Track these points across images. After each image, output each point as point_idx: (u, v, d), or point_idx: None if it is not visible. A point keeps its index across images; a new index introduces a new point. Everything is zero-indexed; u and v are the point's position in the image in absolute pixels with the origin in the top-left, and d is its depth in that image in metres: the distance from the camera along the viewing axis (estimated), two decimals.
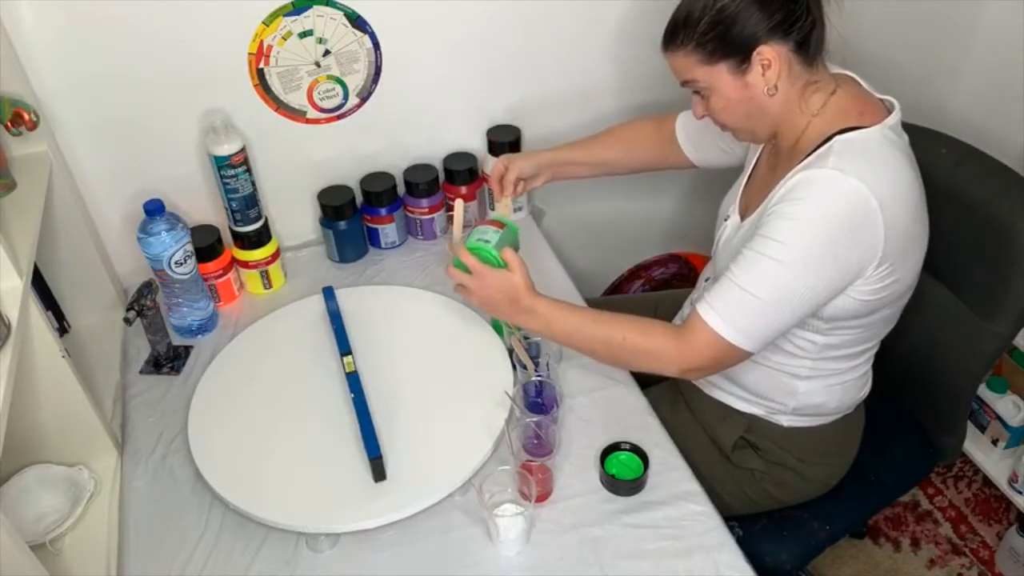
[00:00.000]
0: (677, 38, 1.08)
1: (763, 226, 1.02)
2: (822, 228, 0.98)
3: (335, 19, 1.37)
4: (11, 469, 1.13)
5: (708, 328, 1.03)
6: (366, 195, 1.54)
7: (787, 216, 0.99)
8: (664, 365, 1.09)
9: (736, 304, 1.02)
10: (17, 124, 1.15)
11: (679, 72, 1.11)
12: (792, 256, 0.99)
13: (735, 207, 1.21)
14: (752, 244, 1.02)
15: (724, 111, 1.10)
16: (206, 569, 1.05)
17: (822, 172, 0.98)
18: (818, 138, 1.04)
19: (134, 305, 1.29)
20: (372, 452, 1.12)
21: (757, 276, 1.01)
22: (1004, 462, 1.70)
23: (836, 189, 0.97)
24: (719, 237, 1.24)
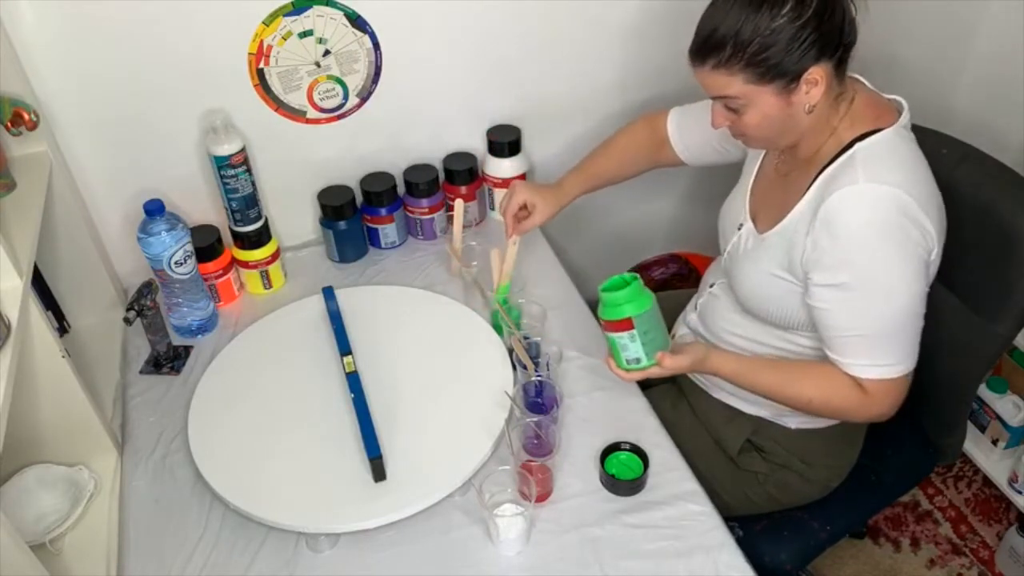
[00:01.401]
0: (719, 56, 1.00)
1: (832, 270, 1.02)
2: (887, 240, 1.00)
3: (335, 19, 1.37)
4: (11, 469, 1.13)
5: (878, 381, 1.07)
6: (366, 195, 1.54)
7: (853, 252, 1.01)
8: (855, 419, 1.17)
9: (881, 349, 1.06)
10: (17, 124, 1.15)
11: (715, 88, 1.04)
12: (887, 281, 1.02)
13: (745, 214, 1.21)
14: (846, 295, 1.03)
15: (757, 126, 1.06)
16: (206, 569, 1.05)
17: (857, 189, 0.99)
18: (838, 145, 1.05)
19: (134, 305, 1.29)
20: (372, 452, 1.12)
21: (876, 316, 1.04)
22: (1004, 462, 1.70)
23: (873, 200, 0.99)
24: (732, 244, 1.22)
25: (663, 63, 1.65)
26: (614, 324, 1.07)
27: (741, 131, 1.09)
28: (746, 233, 1.19)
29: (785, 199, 1.11)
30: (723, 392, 1.29)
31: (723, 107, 1.07)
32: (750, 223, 1.19)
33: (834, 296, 1.04)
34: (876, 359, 1.06)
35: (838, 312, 1.05)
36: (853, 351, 1.07)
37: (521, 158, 1.61)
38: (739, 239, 1.20)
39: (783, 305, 1.13)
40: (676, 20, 1.59)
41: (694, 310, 1.34)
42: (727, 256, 1.24)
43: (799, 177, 1.10)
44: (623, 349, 1.09)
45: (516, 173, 1.60)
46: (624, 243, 1.93)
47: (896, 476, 1.39)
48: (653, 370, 1.10)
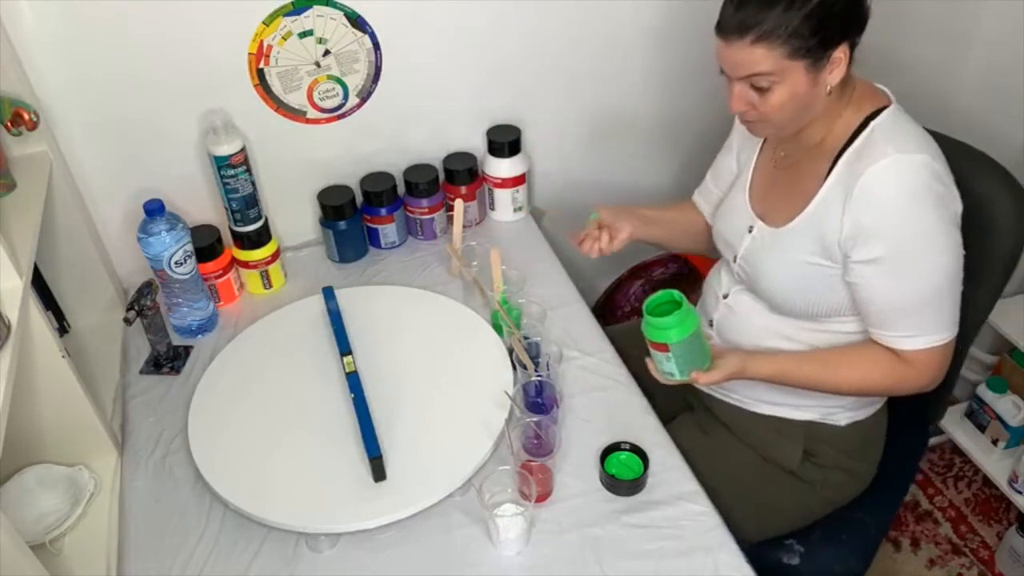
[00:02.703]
0: (761, 27, 0.98)
1: (874, 244, 1.03)
2: (927, 207, 1.02)
3: (335, 19, 1.37)
4: (11, 469, 1.13)
5: (922, 351, 1.08)
6: (366, 195, 1.54)
7: (896, 223, 1.02)
8: (902, 393, 1.15)
9: (927, 317, 1.07)
10: (17, 124, 1.15)
11: (747, 64, 1.02)
12: (930, 248, 1.04)
13: (750, 215, 1.20)
14: (890, 266, 1.04)
15: (780, 107, 1.04)
16: (206, 569, 1.05)
17: (890, 161, 1.01)
18: (849, 127, 1.07)
19: (134, 305, 1.29)
20: (372, 452, 1.12)
21: (921, 285, 1.05)
22: (1004, 462, 1.70)
23: (911, 169, 1.01)
24: (745, 249, 1.20)
25: (663, 63, 1.65)
26: (654, 344, 1.08)
27: (760, 115, 1.07)
28: (759, 233, 1.18)
29: (797, 189, 1.12)
30: (766, 404, 1.26)
31: (748, 88, 1.04)
32: (760, 223, 1.18)
33: (878, 270, 1.05)
34: (922, 328, 1.07)
35: (883, 285, 1.06)
36: (899, 323, 1.08)
37: (521, 158, 1.61)
38: (752, 241, 1.19)
39: (819, 291, 1.12)
40: (677, 20, 1.60)
41: (709, 327, 1.31)
42: (742, 261, 1.21)
43: (812, 164, 1.10)
44: (659, 363, 1.10)
45: (516, 173, 1.60)
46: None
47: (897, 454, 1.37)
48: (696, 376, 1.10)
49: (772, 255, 1.16)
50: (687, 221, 1.40)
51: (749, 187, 1.22)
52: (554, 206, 1.78)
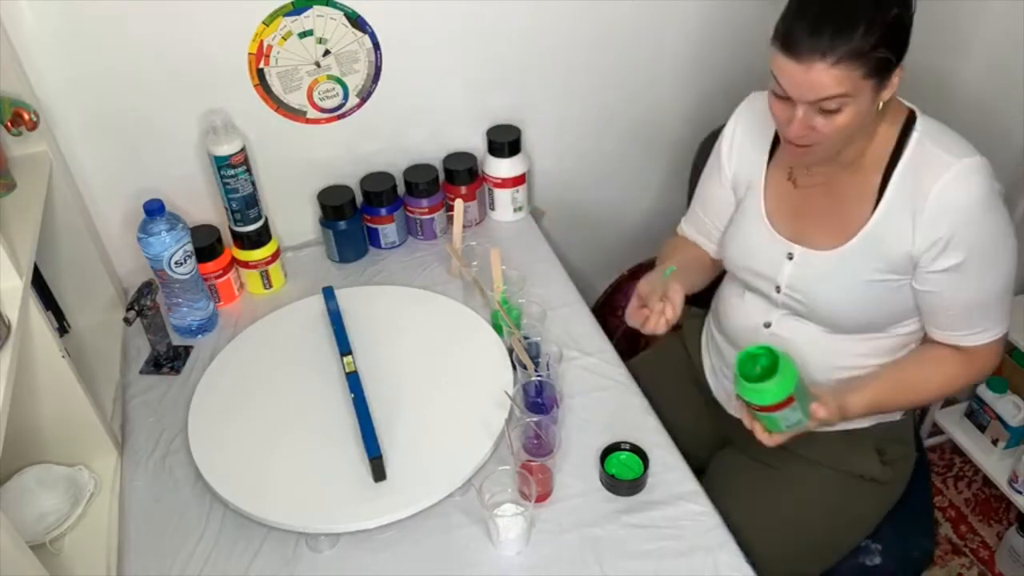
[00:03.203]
0: (842, 49, 0.92)
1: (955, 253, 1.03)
2: (996, 209, 1.03)
3: (335, 19, 1.37)
4: (11, 469, 1.13)
5: (984, 346, 1.11)
6: (366, 195, 1.54)
7: (975, 229, 1.03)
8: (969, 386, 1.22)
9: (993, 313, 1.10)
10: (17, 124, 1.15)
11: (824, 87, 0.95)
12: (1003, 246, 1.05)
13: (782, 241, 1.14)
14: (967, 271, 1.04)
15: (843, 129, 0.99)
16: (206, 569, 1.05)
17: (958, 169, 1.00)
18: (888, 142, 1.06)
19: (134, 305, 1.29)
20: (372, 452, 1.12)
21: (991, 283, 1.07)
22: (1004, 462, 1.70)
23: (980, 175, 1.01)
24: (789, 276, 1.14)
25: (663, 62, 1.65)
26: (770, 407, 1.00)
27: (820, 138, 1.00)
28: (804, 259, 1.13)
29: (843, 207, 1.09)
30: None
31: (816, 111, 0.98)
32: (800, 248, 1.13)
33: (957, 277, 1.05)
34: (988, 324, 1.09)
35: (961, 291, 1.06)
36: (970, 323, 1.09)
37: (521, 158, 1.61)
38: (797, 268, 1.14)
39: (886, 304, 1.11)
40: (677, 20, 1.60)
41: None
42: (788, 290, 1.15)
43: (855, 180, 1.08)
44: (784, 419, 1.02)
45: (516, 173, 1.60)
46: (625, 243, 1.93)
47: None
48: (809, 424, 1.04)
49: (829, 279, 1.11)
50: (697, 259, 1.33)
51: (766, 216, 1.17)
52: (554, 206, 1.78)
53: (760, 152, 1.19)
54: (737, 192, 1.24)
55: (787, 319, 1.19)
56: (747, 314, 1.24)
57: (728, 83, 1.65)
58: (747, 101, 1.23)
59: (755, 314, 1.22)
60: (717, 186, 1.26)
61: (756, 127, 1.19)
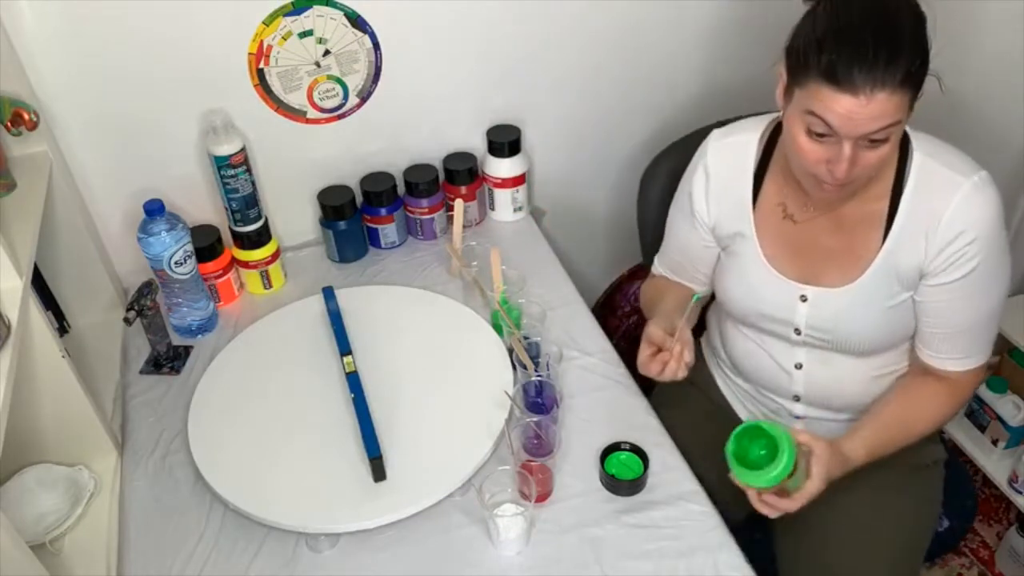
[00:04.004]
0: (898, 72, 0.86)
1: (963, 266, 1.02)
2: (1002, 226, 1.02)
3: (335, 19, 1.37)
4: (11, 469, 1.13)
5: (968, 373, 1.11)
6: (366, 195, 1.54)
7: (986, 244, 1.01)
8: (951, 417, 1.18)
9: (981, 338, 1.09)
10: (17, 124, 1.15)
11: (886, 116, 0.88)
12: (1005, 265, 1.05)
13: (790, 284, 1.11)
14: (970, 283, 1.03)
15: (885, 159, 0.95)
16: (206, 569, 1.05)
17: (967, 189, 0.99)
18: (889, 165, 1.03)
19: (134, 305, 1.29)
20: (372, 452, 1.12)
21: (990, 305, 1.07)
22: (1004, 462, 1.70)
23: (988, 191, 1.00)
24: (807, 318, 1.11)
25: (664, 62, 1.65)
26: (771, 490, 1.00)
27: (861, 172, 0.95)
28: (819, 299, 1.10)
29: (852, 239, 1.07)
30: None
31: (863, 145, 0.92)
32: (814, 289, 1.10)
33: (960, 292, 1.04)
34: (975, 350, 1.09)
35: (961, 306, 1.05)
36: (956, 346, 1.08)
37: (521, 158, 1.61)
38: (814, 308, 1.11)
39: (908, 320, 1.10)
40: (677, 20, 1.59)
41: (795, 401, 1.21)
42: (809, 331, 1.12)
43: (863, 211, 1.05)
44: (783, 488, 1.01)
45: (516, 173, 1.60)
46: (625, 243, 1.92)
47: None
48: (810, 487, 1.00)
49: (851, 314, 1.09)
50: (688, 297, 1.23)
51: (766, 257, 1.13)
52: (554, 206, 1.78)
53: (742, 197, 1.13)
54: (721, 240, 1.19)
55: (816, 355, 1.16)
56: (772, 358, 1.20)
57: (730, 83, 1.66)
58: (712, 145, 1.15)
59: (781, 357, 1.19)
60: (693, 234, 1.21)
61: (731, 172, 1.14)
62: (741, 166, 1.13)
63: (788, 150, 1.02)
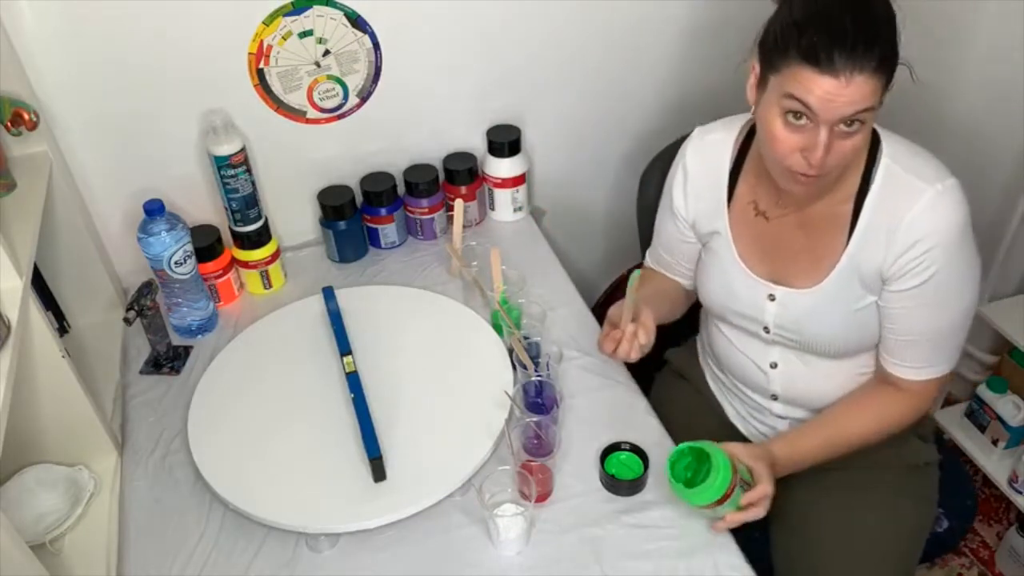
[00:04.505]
0: (875, 54, 0.87)
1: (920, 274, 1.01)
2: (967, 234, 1.01)
3: (335, 19, 1.37)
4: (11, 469, 1.13)
5: (925, 381, 1.09)
6: (366, 195, 1.54)
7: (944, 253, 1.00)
8: (905, 426, 1.14)
9: (943, 348, 1.08)
10: (17, 124, 1.15)
11: (864, 99, 0.89)
12: (969, 277, 1.04)
13: (759, 283, 1.12)
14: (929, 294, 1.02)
15: (858, 149, 0.95)
16: (206, 569, 1.05)
17: (930, 196, 0.98)
18: (857, 167, 1.03)
19: (134, 305, 1.29)
20: (372, 452, 1.12)
21: (951, 316, 1.05)
22: (1004, 462, 1.70)
23: (954, 199, 0.99)
24: (774, 316, 1.13)
25: (664, 62, 1.65)
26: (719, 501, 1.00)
27: (835, 161, 0.95)
28: (787, 299, 1.11)
29: (817, 241, 1.07)
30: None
31: (840, 129, 0.92)
32: (781, 288, 1.11)
33: (919, 300, 1.03)
34: (935, 360, 1.08)
35: (919, 315, 1.04)
36: (920, 354, 1.07)
37: (521, 158, 1.61)
38: (782, 307, 1.12)
39: (875, 324, 1.09)
40: (677, 20, 1.60)
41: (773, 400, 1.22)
42: (778, 329, 1.14)
43: (830, 212, 1.05)
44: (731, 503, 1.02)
45: (516, 173, 1.60)
46: (625, 243, 1.92)
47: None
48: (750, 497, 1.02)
49: (816, 316, 1.10)
50: (667, 290, 1.29)
51: (739, 255, 1.14)
52: (554, 206, 1.78)
53: (718, 193, 1.15)
54: (700, 236, 1.21)
55: (790, 356, 1.17)
56: (747, 356, 1.22)
57: (729, 83, 1.65)
58: (694, 140, 1.18)
59: (756, 355, 1.20)
60: (675, 230, 1.23)
61: (708, 169, 1.16)
62: (718, 165, 1.15)
63: (762, 143, 1.02)
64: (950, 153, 1.74)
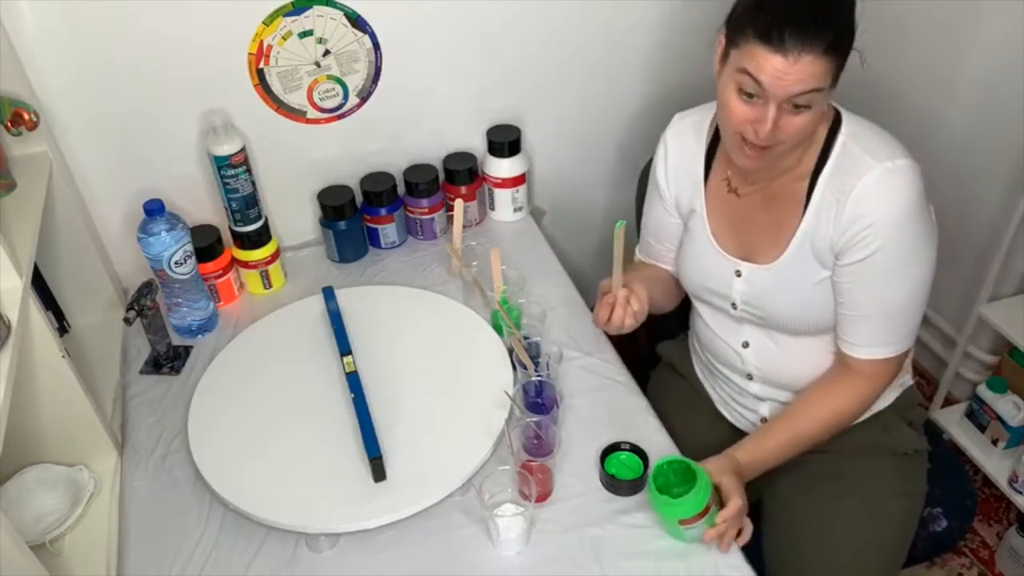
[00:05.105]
0: (824, 36, 0.90)
1: (865, 248, 1.02)
2: (915, 214, 1.01)
3: (335, 19, 1.37)
4: (11, 469, 1.13)
5: (878, 362, 1.09)
6: (366, 195, 1.54)
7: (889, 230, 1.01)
8: (861, 412, 1.16)
9: (895, 327, 1.08)
10: (17, 124, 1.15)
11: (807, 79, 0.92)
12: (915, 255, 1.04)
13: (728, 260, 1.14)
14: (875, 270, 1.03)
15: (806, 128, 0.98)
16: (206, 569, 1.05)
17: (878, 173, 1.00)
18: (817, 146, 1.05)
19: (134, 305, 1.29)
20: (372, 452, 1.12)
21: (898, 291, 1.06)
22: (1004, 462, 1.70)
23: (906, 178, 1.00)
24: (741, 293, 1.15)
25: (663, 62, 1.65)
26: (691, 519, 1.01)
27: (782, 137, 0.98)
28: (752, 275, 1.13)
29: (781, 218, 1.09)
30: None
31: (789, 107, 0.96)
32: (747, 265, 1.14)
33: (866, 276, 1.04)
34: (887, 339, 1.08)
35: (867, 291, 1.06)
36: (869, 331, 1.08)
37: (521, 158, 1.61)
38: (747, 284, 1.14)
39: (832, 301, 1.10)
40: (677, 20, 1.60)
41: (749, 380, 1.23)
42: (744, 306, 1.16)
43: (789, 189, 1.08)
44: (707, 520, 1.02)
45: (516, 173, 1.60)
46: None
47: None
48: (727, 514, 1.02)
49: (778, 291, 1.12)
50: (659, 276, 1.30)
51: (712, 236, 1.16)
52: (554, 206, 1.78)
53: (695, 171, 1.18)
54: (682, 215, 1.23)
55: (759, 334, 1.19)
56: (721, 337, 1.24)
57: None
58: (673, 124, 1.22)
59: (729, 336, 1.22)
60: (662, 213, 1.25)
61: (686, 150, 1.19)
62: (695, 145, 1.18)
63: (719, 114, 1.06)
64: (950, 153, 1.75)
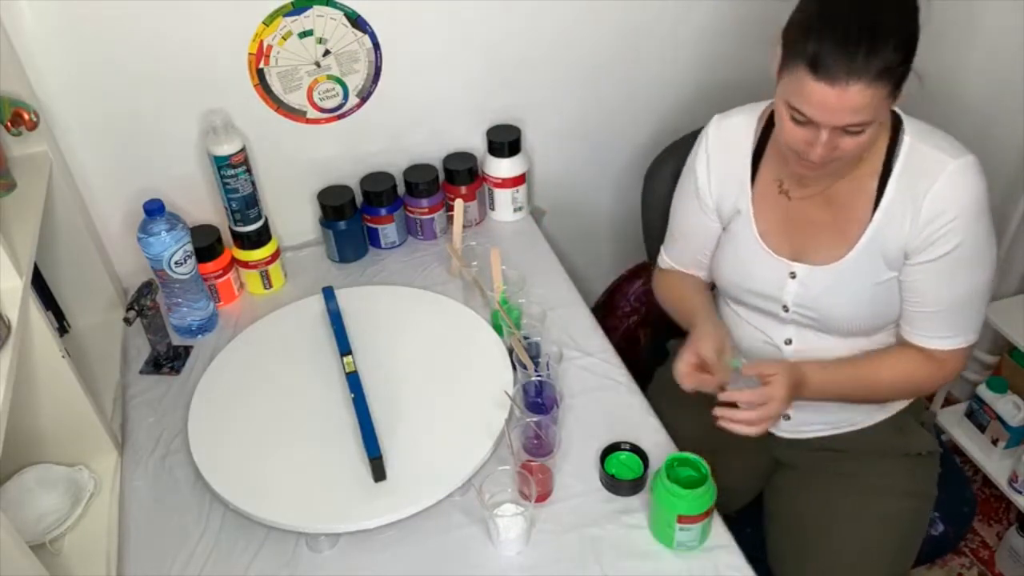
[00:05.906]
0: (874, 66, 0.88)
1: (943, 245, 1.03)
2: (986, 209, 1.04)
3: (335, 19, 1.37)
4: (11, 469, 1.13)
5: (954, 351, 1.11)
6: (366, 195, 1.54)
7: (967, 226, 1.03)
8: (929, 391, 1.22)
9: (965, 318, 1.10)
10: (17, 124, 1.15)
11: (860, 109, 0.91)
12: (987, 247, 1.06)
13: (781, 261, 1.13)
14: (951, 265, 1.05)
15: (862, 146, 0.98)
16: (206, 569, 1.05)
17: (954, 169, 1.01)
18: (882, 147, 1.06)
19: (134, 305, 1.29)
20: (372, 452, 1.12)
21: (971, 284, 1.08)
22: (1004, 462, 1.70)
23: (974, 172, 1.02)
24: (795, 295, 1.13)
25: (665, 62, 1.65)
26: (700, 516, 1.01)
27: (839, 156, 0.98)
28: (808, 276, 1.12)
29: (844, 218, 1.09)
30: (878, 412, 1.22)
31: (841, 131, 0.95)
32: (802, 266, 1.12)
33: (939, 272, 1.06)
34: (960, 329, 1.10)
35: (941, 287, 1.07)
36: (943, 324, 1.09)
37: (521, 158, 1.61)
38: (802, 286, 1.13)
39: (893, 301, 1.11)
40: (677, 20, 1.60)
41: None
42: (797, 308, 1.14)
43: (854, 189, 1.08)
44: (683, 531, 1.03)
45: (516, 173, 1.60)
46: (625, 243, 1.93)
47: None
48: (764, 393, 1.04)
49: (838, 292, 1.11)
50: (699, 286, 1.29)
51: (760, 233, 1.15)
52: (554, 206, 1.78)
53: (742, 174, 1.16)
54: (723, 219, 1.21)
55: (804, 333, 1.18)
56: (759, 334, 1.22)
57: (733, 83, 1.65)
58: (713, 127, 1.19)
59: (769, 333, 1.21)
60: (700, 216, 1.23)
61: (731, 151, 1.17)
62: (740, 145, 1.17)
63: (776, 125, 1.05)
64: None
